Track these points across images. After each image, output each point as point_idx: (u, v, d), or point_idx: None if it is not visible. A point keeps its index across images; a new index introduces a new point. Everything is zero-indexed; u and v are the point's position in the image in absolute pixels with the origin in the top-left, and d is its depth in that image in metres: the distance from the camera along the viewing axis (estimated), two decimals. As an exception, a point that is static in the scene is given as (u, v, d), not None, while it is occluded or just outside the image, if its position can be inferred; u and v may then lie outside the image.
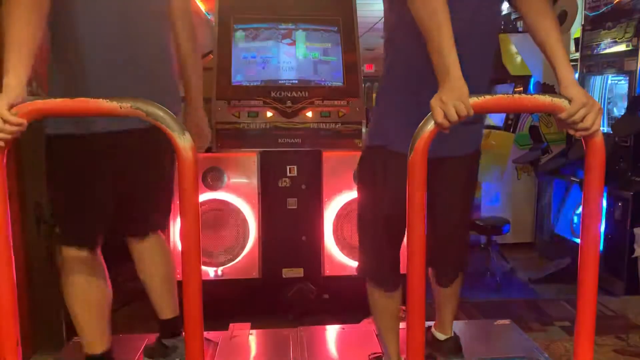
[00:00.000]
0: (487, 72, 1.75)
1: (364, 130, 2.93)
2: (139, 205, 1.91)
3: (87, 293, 1.82)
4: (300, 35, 3.05)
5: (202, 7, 5.94)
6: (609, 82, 3.89)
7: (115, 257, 2.00)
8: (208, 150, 2.87)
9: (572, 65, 1.53)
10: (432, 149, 1.48)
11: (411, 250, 1.34)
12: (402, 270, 1.73)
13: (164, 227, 2.10)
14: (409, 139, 1.34)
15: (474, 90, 1.37)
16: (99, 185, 1.76)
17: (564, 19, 4.20)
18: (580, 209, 1.43)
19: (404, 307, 1.45)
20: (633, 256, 3.25)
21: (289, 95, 2.92)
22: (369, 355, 2.11)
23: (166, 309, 2.03)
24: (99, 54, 1.67)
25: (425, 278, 1.37)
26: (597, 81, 3.96)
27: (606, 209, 3.40)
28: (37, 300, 2.45)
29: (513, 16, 4.60)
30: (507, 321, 2.45)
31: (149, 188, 1.89)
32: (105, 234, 1.86)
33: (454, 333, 2.05)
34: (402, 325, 2.17)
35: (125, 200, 1.85)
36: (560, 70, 1.47)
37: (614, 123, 3.62)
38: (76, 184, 1.74)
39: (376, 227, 1.79)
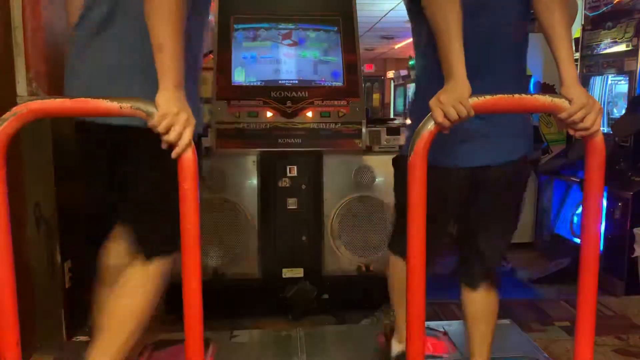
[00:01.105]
0: (515, 71, 1.72)
1: (364, 130, 2.93)
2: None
3: None
4: (300, 35, 3.05)
5: (202, 7, 5.94)
6: (609, 82, 3.89)
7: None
8: (208, 150, 2.87)
9: (572, 65, 1.53)
10: (471, 157, 1.60)
11: (411, 251, 1.34)
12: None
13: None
14: (436, 150, 1.37)
15: (499, 88, 1.39)
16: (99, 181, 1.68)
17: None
18: (580, 209, 1.43)
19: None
20: (633, 256, 3.25)
21: (289, 95, 2.91)
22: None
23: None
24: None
25: (425, 278, 1.37)
26: (597, 81, 3.96)
27: (606, 209, 3.40)
28: (37, 300, 2.45)
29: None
30: (507, 321, 2.45)
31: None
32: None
33: None
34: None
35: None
36: (562, 70, 1.47)
37: (614, 123, 3.61)
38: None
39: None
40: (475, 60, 1.48)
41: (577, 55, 4.11)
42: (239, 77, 2.96)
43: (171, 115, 1.30)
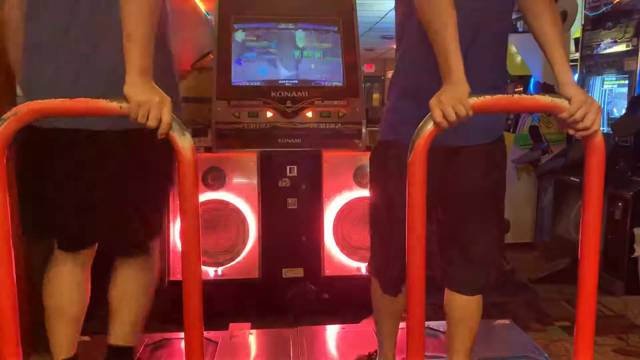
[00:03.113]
0: (500, 68, 1.70)
1: (364, 130, 2.93)
2: (110, 215, 1.72)
3: (58, 298, 1.79)
4: (300, 35, 3.05)
5: (202, 7, 5.94)
6: (609, 82, 3.89)
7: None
8: (208, 150, 2.87)
9: (572, 66, 1.53)
10: (443, 136, 1.41)
11: (411, 250, 1.34)
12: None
13: (144, 247, 1.84)
14: (410, 132, 1.34)
15: (486, 85, 1.37)
16: (51, 183, 1.68)
17: (564, 19, 4.20)
18: (580, 209, 1.43)
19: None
20: (633, 256, 3.25)
21: (289, 95, 2.92)
22: (359, 356, 2.11)
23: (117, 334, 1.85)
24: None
25: (425, 278, 1.37)
26: (597, 81, 3.96)
27: (606, 209, 3.40)
28: (37, 300, 2.44)
29: (513, 16, 4.60)
30: (507, 321, 2.45)
31: (118, 197, 1.70)
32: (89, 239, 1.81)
33: None
34: (402, 325, 2.19)
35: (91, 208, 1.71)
36: (557, 71, 1.47)
37: (614, 123, 3.62)
38: (30, 178, 1.71)
39: (387, 224, 1.68)
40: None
41: (577, 55, 4.12)
42: (239, 77, 2.96)
43: (143, 102, 1.31)
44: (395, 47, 1.78)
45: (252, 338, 2.35)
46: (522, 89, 4.44)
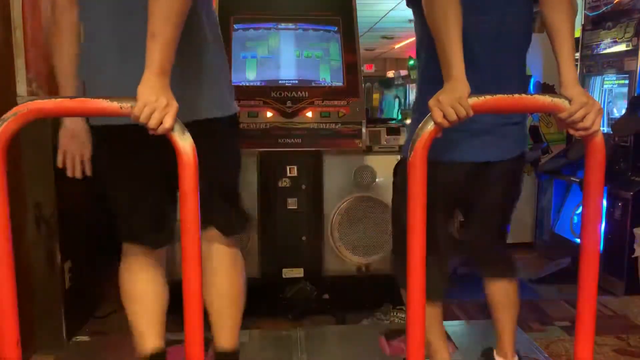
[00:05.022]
0: (519, 70, 1.76)
1: (364, 130, 2.93)
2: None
3: (137, 292, 1.81)
4: (300, 35, 3.05)
5: (202, 7, 5.92)
6: (609, 82, 3.89)
7: (117, 257, 1.99)
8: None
9: (572, 65, 1.53)
10: (478, 152, 1.65)
11: (411, 251, 1.34)
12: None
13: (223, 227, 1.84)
14: (445, 148, 1.36)
15: (503, 89, 1.39)
16: (125, 179, 1.70)
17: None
18: (580, 209, 1.43)
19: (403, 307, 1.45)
20: (633, 256, 3.25)
21: (289, 95, 2.91)
22: None
23: (219, 337, 1.83)
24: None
25: (425, 278, 1.37)
26: (597, 81, 3.96)
27: (606, 209, 3.40)
28: (37, 300, 2.45)
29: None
30: (507, 321, 2.44)
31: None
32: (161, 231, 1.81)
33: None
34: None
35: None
36: (562, 70, 1.47)
37: (614, 123, 3.61)
38: (106, 177, 1.72)
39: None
40: (481, 58, 1.48)
41: (577, 55, 4.12)
42: (239, 77, 2.96)
43: (150, 103, 1.31)
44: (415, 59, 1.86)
45: (252, 338, 2.35)
46: (522, 88, 4.44)
